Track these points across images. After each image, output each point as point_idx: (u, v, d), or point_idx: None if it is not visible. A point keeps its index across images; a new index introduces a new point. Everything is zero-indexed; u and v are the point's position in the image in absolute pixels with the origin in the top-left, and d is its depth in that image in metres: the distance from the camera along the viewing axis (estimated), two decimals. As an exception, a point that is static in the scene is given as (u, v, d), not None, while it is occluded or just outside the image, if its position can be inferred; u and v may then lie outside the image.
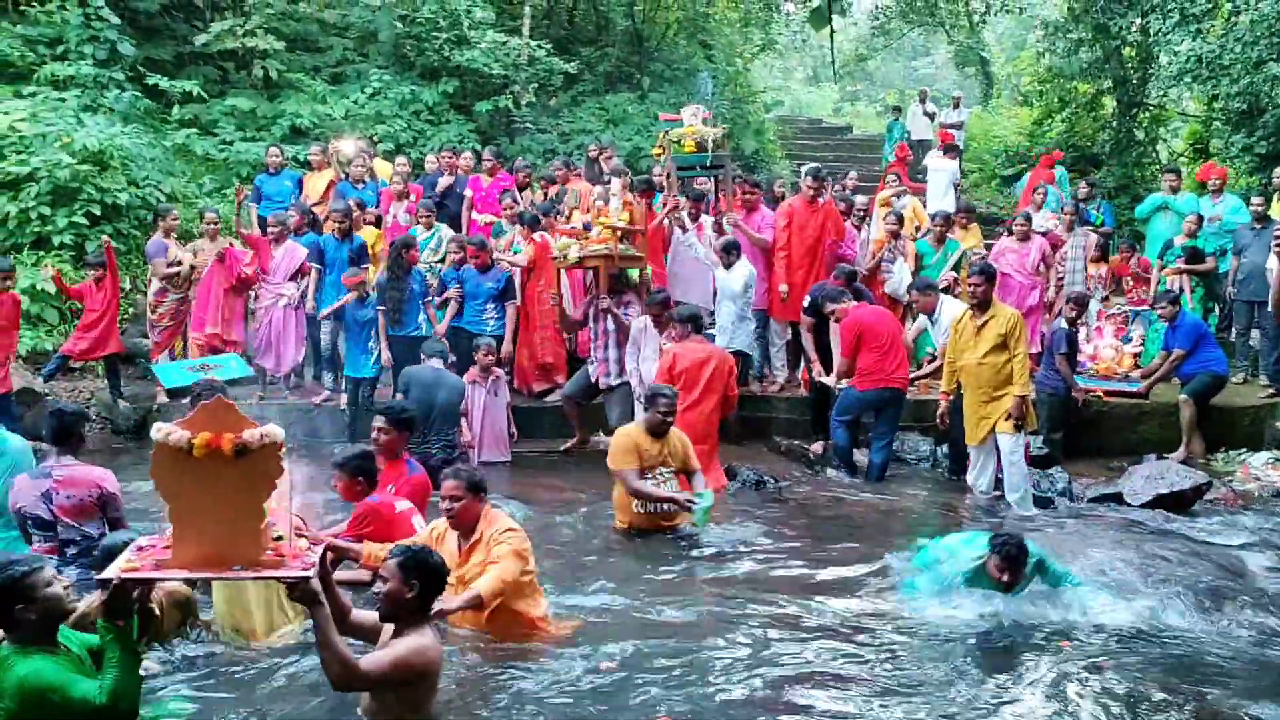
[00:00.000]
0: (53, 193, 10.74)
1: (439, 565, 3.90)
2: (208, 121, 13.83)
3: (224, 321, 9.87)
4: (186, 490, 3.50)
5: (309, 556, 3.62)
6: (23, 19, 13.32)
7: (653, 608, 5.32)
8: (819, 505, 7.59)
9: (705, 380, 7.68)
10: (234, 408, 3.53)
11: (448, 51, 14.98)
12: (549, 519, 7.07)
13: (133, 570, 3.41)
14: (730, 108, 17.23)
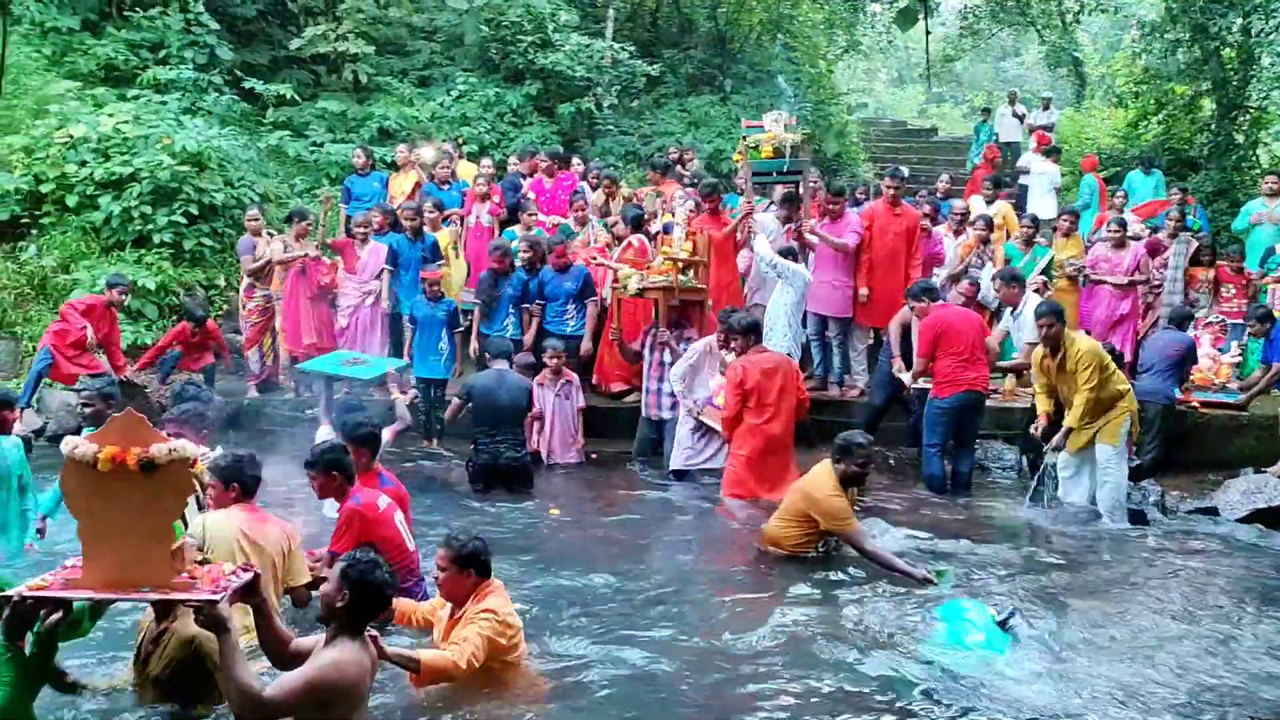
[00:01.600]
0: (154, 192, 11.11)
1: (378, 582, 3.67)
2: (300, 124, 14.19)
3: (316, 330, 10.15)
4: (94, 507, 3.37)
5: (227, 580, 3.49)
6: (128, 25, 13.85)
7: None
8: (900, 514, 7.46)
9: (778, 390, 7.56)
10: (144, 421, 3.40)
11: (532, 54, 15.14)
12: (601, 519, 7.10)
13: (40, 589, 3.33)
14: (813, 110, 17.07)
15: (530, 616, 5.02)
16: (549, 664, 4.62)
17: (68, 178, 11.04)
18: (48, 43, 13.09)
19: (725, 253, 9.42)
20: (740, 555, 6.45)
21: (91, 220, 11.00)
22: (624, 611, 5.31)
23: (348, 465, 5.13)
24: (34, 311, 10.54)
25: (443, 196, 11.35)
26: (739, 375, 7.52)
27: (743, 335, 7.69)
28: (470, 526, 5.35)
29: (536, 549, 6.52)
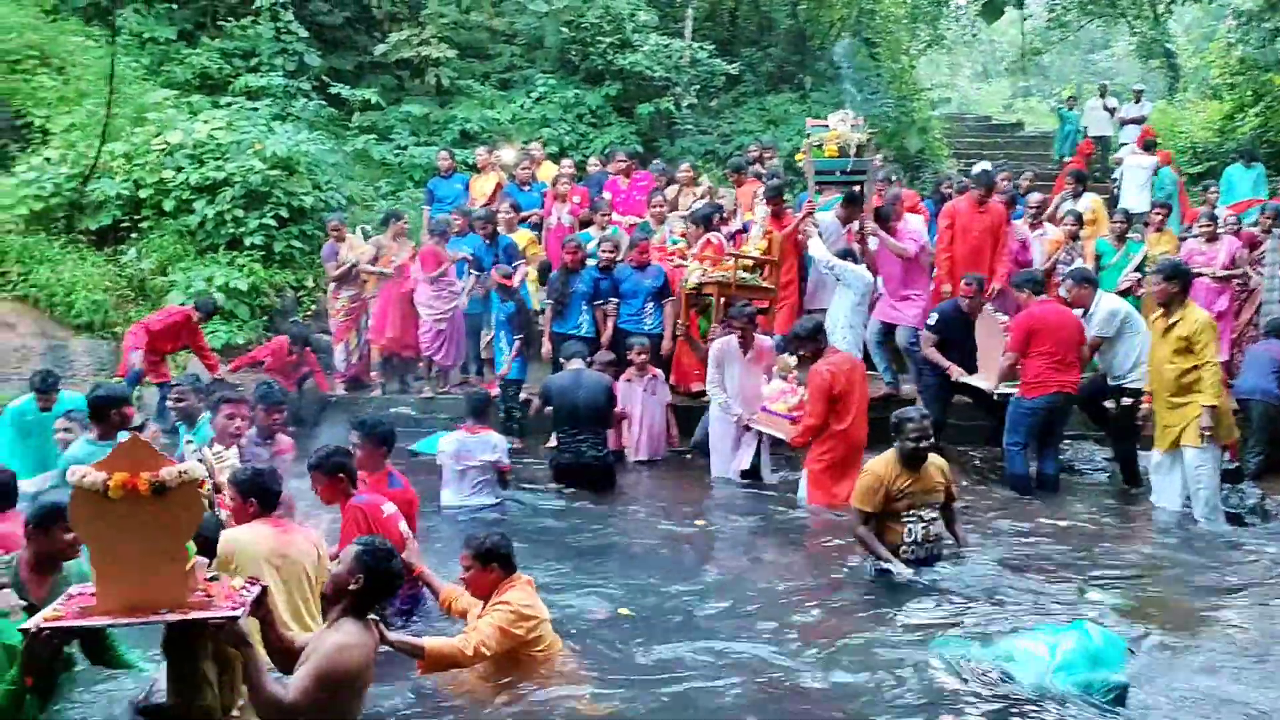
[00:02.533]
0: (246, 196, 11.45)
1: (392, 571, 3.75)
2: (384, 127, 14.48)
3: (400, 328, 10.35)
4: (106, 533, 3.36)
5: (241, 595, 3.52)
6: (221, 34, 14.30)
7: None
8: (985, 515, 7.30)
9: (859, 389, 7.44)
10: (150, 445, 3.41)
11: (611, 55, 15.21)
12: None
13: (56, 619, 3.31)
14: (894, 106, 16.85)
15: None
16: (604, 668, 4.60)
17: (165, 183, 11.44)
18: (146, 53, 13.58)
19: (784, 253, 9.31)
20: (820, 566, 6.26)
21: (187, 224, 11.37)
22: (690, 621, 5.24)
23: (352, 470, 5.11)
24: (134, 313, 10.92)
25: (523, 198, 11.49)
26: (827, 380, 7.23)
27: (811, 339, 7.45)
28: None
29: (621, 552, 6.55)
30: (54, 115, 11.85)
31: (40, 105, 11.95)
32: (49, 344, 10.34)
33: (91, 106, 11.87)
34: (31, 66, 12.24)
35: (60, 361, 10.01)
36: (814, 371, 7.36)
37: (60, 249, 10.97)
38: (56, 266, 10.73)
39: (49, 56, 12.47)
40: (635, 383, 8.72)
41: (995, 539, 6.66)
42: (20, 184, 11.05)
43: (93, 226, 11.33)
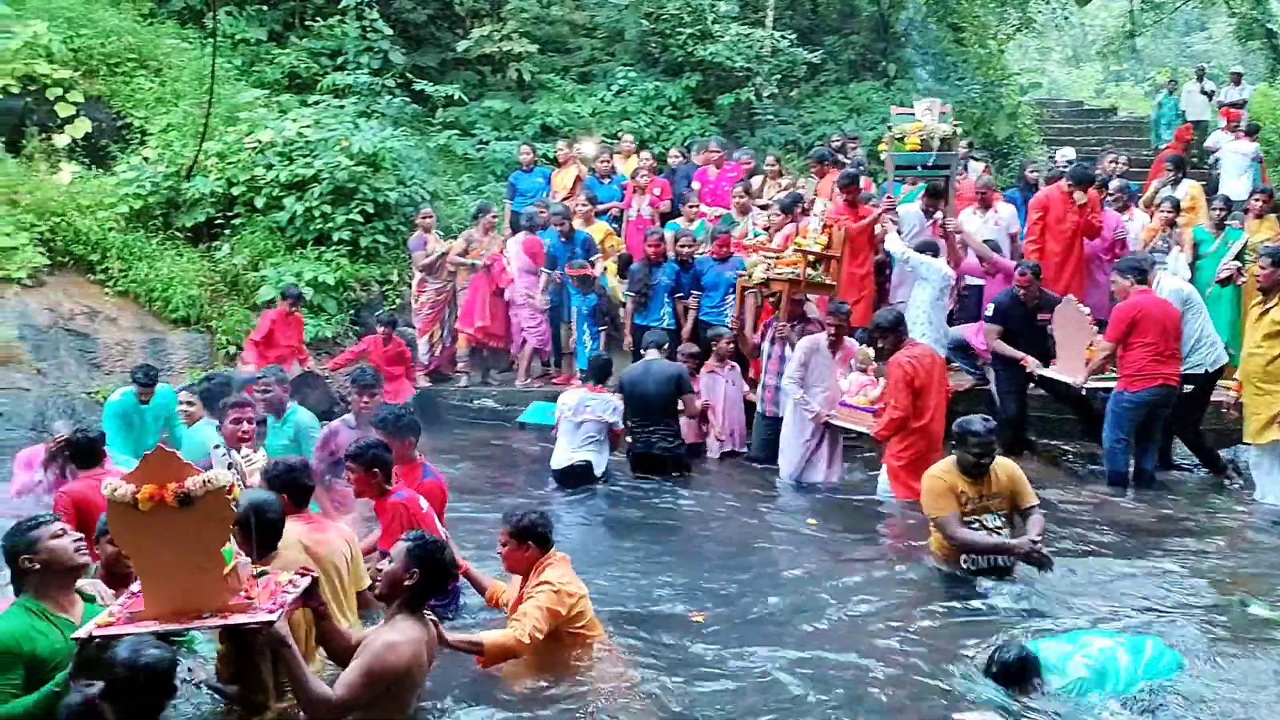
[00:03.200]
0: (333, 192, 11.67)
1: (445, 563, 3.77)
2: (467, 123, 14.65)
3: (490, 318, 10.53)
4: (144, 543, 3.45)
5: (284, 593, 3.54)
6: (309, 34, 14.61)
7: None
8: (1078, 513, 7.09)
9: (939, 384, 7.27)
10: (177, 456, 3.46)
11: (691, 46, 15.15)
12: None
13: (107, 625, 3.40)
14: (982, 92, 16.49)
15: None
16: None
17: (256, 181, 11.72)
18: (238, 54, 13.93)
19: (859, 245, 9.09)
20: (901, 562, 6.12)
21: (277, 220, 11.64)
22: (764, 620, 5.18)
23: (389, 465, 5.10)
24: (227, 307, 11.24)
25: (603, 191, 11.53)
26: (908, 372, 7.09)
27: (892, 331, 7.30)
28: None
29: (694, 545, 6.53)
30: (152, 116, 12.23)
31: (139, 106, 12.34)
32: (148, 338, 10.69)
33: (187, 107, 12.22)
34: (130, 69, 12.64)
35: (159, 355, 10.35)
36: (894, 363, 7.21)
37: (158, 246, 11.32)
38: (155, 263, 11.07)
39: (147, 59, 12.86)
40: (718, 374, 8.67)
41: (1091, 536, 6.46)
42: (121, 183, 11.43)
43: (188, 224, 11.67)
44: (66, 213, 10.82)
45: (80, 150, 11.75)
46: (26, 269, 10.22)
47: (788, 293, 8.36)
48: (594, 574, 5.38)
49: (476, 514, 6.81)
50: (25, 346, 9.81)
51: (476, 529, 6.29)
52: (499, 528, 4.53)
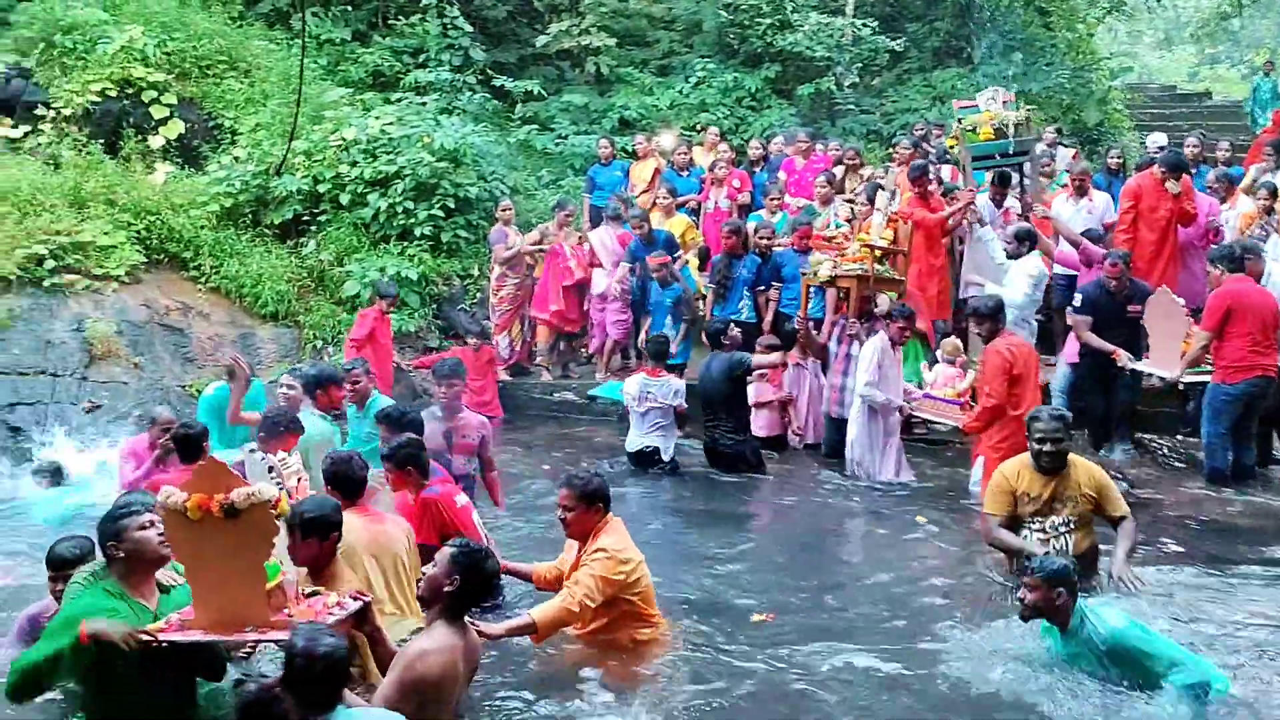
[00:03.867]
0: (415, 188, 11.83)
1: (487, 572, 3.72)
2: (545, 118, 14.73)
3: (564, 303, 10.62)
4: (194, 552, 3.52)
5: (327, 617, 3.57)
6: (392, 33, 14.84)
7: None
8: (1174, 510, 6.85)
9: (1034, 374, 7.05)
10: (225, 467, 3.53)
11: (770, 37, 15.02)
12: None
13: (159, 630, 3.48)
14: (1070, 77, 16.04)
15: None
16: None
17: (341, 178, 11.94)
18: (323, 54, 14.20)
19: (934, 238, 8.90)
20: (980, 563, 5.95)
21: (361, 216, 11.84)
22: (832, 621, 5.09)
23: (423, 462, 5.18)
24: (314, 302, 11.48)
25: (681, 183, 11.49)
26: (1006, 359, 6.86)
27: (990, 318, 7.08)
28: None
29: (761, 540, 6.49)
30: (241, 116, 12.54)
31: (229, 107, 12.66)
32: (239, 332, 10.97)
33: (274, 107, 12.50)
34: (221, 71, 12.98)
35: (249, 349, 10.61)
36: (992, 350, 6.98)
37: (247, 243, 11.61)
38: (245, 259, 11.36)
39: (236, 61, 13.19)
40: (802, 367, 8.57)
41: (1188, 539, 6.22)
42: (212, 182, 11.75)
43: (276, 221, 11.94)
44: (161, 211, 11.16)
45: (174, 151, 12.10)
46: (124, 266, 10.56)
47: (855, 289, 8.17)
48: (657, 564, 5.36)
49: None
50: (123, 341, 10.14)
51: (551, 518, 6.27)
52: (559, 493, 4.48)
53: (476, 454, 6.49)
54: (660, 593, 4.81)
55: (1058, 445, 5.21)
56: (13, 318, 9.71)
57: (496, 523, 6.30)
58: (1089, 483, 5.24)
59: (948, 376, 7.74)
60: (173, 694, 3.66)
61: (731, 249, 9.46)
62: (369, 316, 9.91)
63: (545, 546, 5.52)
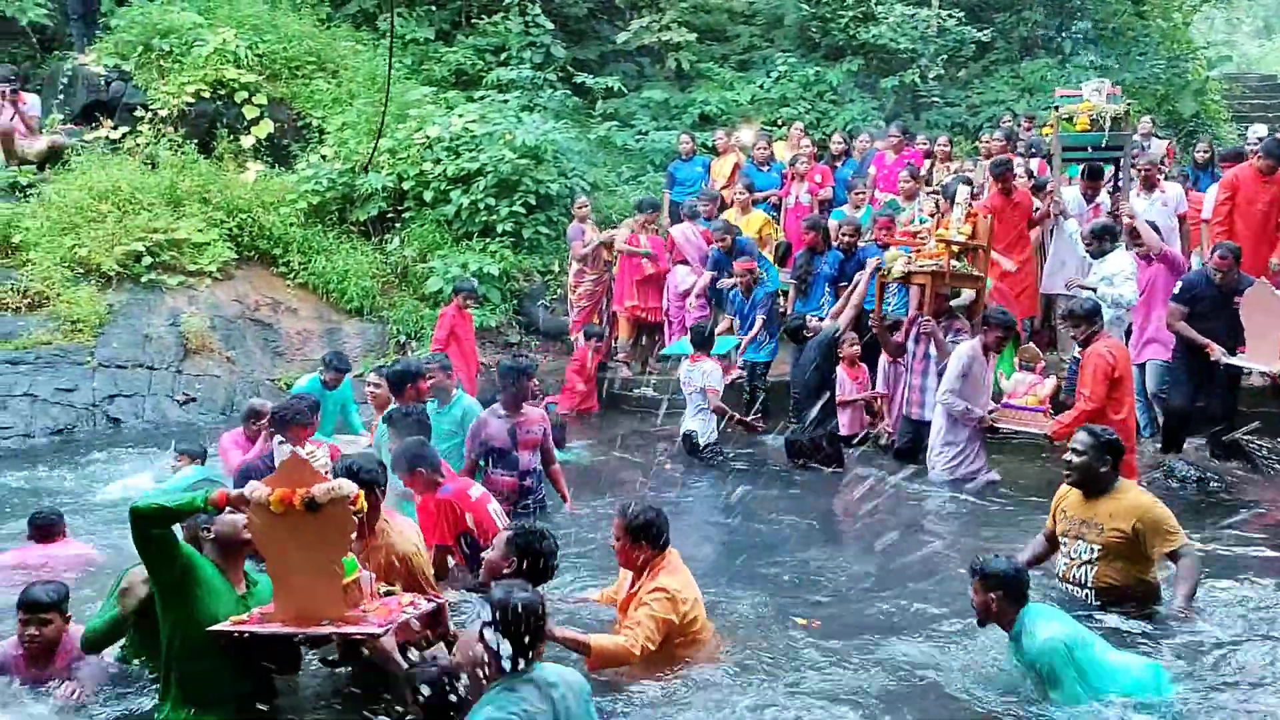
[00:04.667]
0: (497, 185, 11.95)
1: (544, 552, 3.71)
2: (626, 114, 14.76)
3: (642, 295, 10.63)
4: (276, 545, 3.61)
5: (400, 613, 3.64)
6: (475, 32, 15.01)
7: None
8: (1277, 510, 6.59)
9: (1130, 378, 6.84)
10: (308, 464, 3.62)
11: (853, 30, 14.85)
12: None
13: (241, 623, 3.60)
14: (1165, 68, 15.55)
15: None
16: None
17: (425, 175, 12.12)
18: (408, 53, 14.41)
19: (1021, 232, 8.68)
20: None
21: (444, 213, 12.00)
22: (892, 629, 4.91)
23: (431, 460, 5.22)
24: (398, 298, 11.68)
25: (761, 178, 11.40)
26: (1109, 362, 6.63)
27: (1087, 320, 6.87)
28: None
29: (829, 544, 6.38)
30: (328, 116, 12.80)
31: (317, 107, 12.93)
32: (326, 327, 11.22)
33: (360, 106, 12.73)
34: (309, 71, 13.27)
35: (335, 343, 10.82)
36: (1095, 353, 6.72)
37: (334, 239, 11.86)
38: (331, 256, 11.60)
39: (324, 61, 13.48)
40: (901, 364, 8.31)
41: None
42: (300, 180, 12.02)
43: (362, 218, 12.17)
44: (252, 209, 11.46)
45: (264, 150, 12.40)
46: (217, 263, 10.88)
47: (931, 286, 7.86)
48: (717, 561, 5.42)
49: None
50: (216, 336, 10.45)
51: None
52: (615, 519, 4.38)
53: (540, 448, 6.57)
54: (719, 591, 4.79)
55: (1079, 461, 4.86)
56: (112, 312, 10.07)
57: (563, 530, 6.26)
58: (1125, 516, 4.75)
59: (1028, 384, 7.44)
60: (253, 682, 3.77)
61: (813, 245, 9.36)
62: (447, 315, 10.00)
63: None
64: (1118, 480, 4.89)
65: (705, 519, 6.97)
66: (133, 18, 12.77)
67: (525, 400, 6.72)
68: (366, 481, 4.11)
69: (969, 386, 7.28)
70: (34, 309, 9.80)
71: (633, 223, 10.81)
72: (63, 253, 10.17)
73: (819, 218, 9.95)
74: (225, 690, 3.66)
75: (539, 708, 3.17)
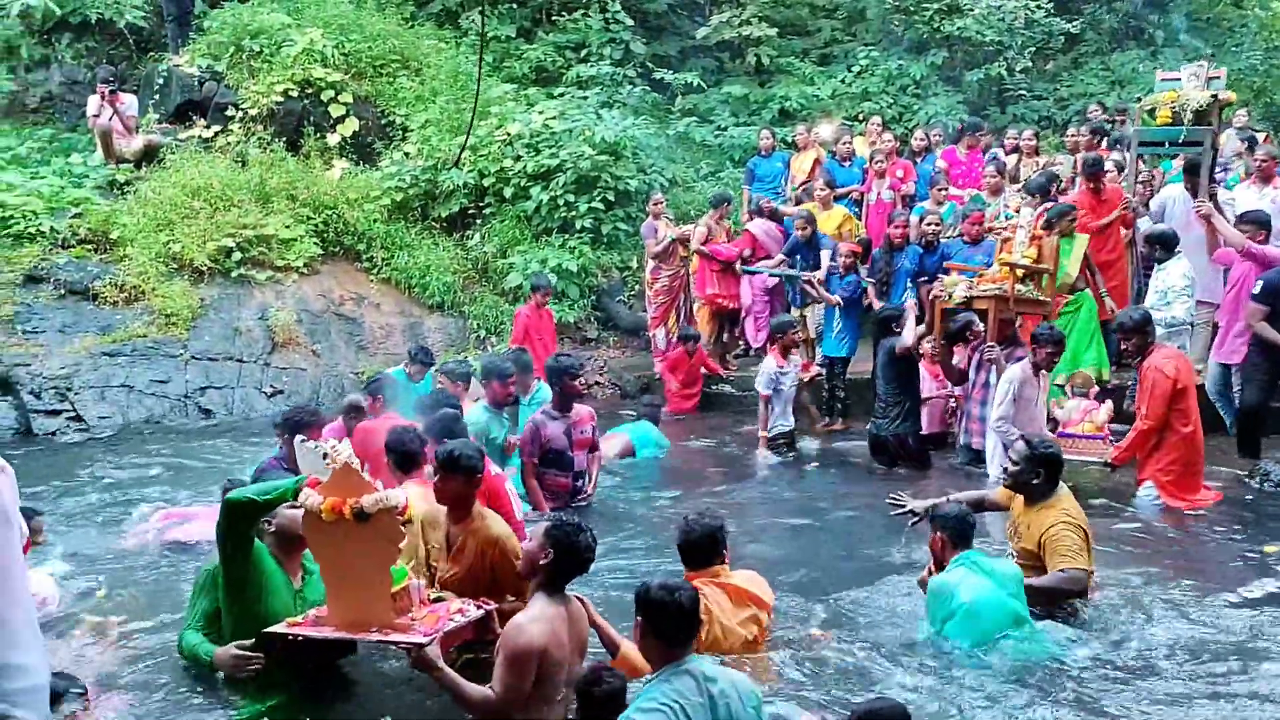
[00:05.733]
0: (576, 181, 12.02)
1: (580, 545, 3.70)
2: (705, 110, 14.72)
3: (720, 285, 10.64)
4: (329, 552, 3.69)
5: (446, 621, 3.71)
6: (554, 29, 15.10)
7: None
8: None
9: (1192, 386, 6.59)
10: (358, 473, 3.66)
11: (937, 22, 14.58)
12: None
13: (295, 625, 3.71)
14: (1263, 57, 14.99)
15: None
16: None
17: (505, 172, 12.24)
18: (489, 51, 14.55)
19: (1108, 231, 8.34)
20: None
21: (524, 209, 12.11)
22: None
23: (458, 433, 5.27)
24: (478, 293, 11.81)
25: (842, 174, 11.27)
26: (1169, 378, 6.41)
27: (1138, 332, 6.62)
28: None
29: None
30: (412, 114, 12.99)
31: (400, 105, 13.13)
32: (408, 322, 11.40)
33: (443, 103, 12.90)
34: (394, 70, 13.47)
35: (417, 338, 11.00)
36: (1154, 370, 6.46)
37: (416, 235, 12.04)
38: (414, 251, 11.78)
39: (408, 60, 13.67)
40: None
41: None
42: (384, 177, 12.22)
43: (443, 214, 12.33)
44: (337, 206, 11.68)
45: (349, 147, 12.63)
46: (304, 258, 11.11)
47: (993, 311, 7.52)
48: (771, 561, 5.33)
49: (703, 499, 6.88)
50: (302, 329, 10.67)
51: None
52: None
53: (590, 447, 6.64)
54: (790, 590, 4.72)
55: (1013, 469, 4.91)
56: (204, 306, 10.36)
57: (628, 533, 6.29)
58: (1038, 529, 4.78)
59: (1083, 410, 7.16)
60: (307, 673, 3.92)
61: (893, 240, 9.23)
62: (522, 315, 10.05)
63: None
64: (1053, 494, 4.86)
65: (774, 518, 6.87)
66: (224, 19, 13.11)
67: (574, 399, 6.71)
68: (467, 468, 4.25)
69: (1021, 411, 6.91)
70: (130, 303, 10.12)
71: (709, 219, 10.78)
72: (158, 248, 10.48)
73: (900, 213, 9.82)
74: (281, 680, 3.84)
75: (694, 700, 3.17)
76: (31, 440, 8.85)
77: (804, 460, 8.21)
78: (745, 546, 5.69)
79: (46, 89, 13.57)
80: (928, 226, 9.23)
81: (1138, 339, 6.63)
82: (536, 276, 10.56)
